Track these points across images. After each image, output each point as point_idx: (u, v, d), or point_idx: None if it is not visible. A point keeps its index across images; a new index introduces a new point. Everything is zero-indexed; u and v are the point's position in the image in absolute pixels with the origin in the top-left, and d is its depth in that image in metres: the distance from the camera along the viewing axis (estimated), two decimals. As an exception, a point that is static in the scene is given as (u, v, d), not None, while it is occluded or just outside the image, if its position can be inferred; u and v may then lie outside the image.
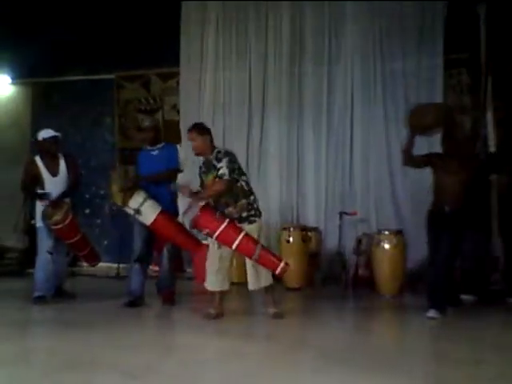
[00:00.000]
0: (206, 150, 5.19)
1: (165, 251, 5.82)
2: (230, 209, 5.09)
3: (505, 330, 5.35)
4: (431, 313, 5.43)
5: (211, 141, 5.23)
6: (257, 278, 5.16)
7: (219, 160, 5.04)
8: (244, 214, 5.12)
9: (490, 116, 7.21)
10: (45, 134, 5.88)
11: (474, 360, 4.06)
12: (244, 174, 5.23)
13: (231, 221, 4.99)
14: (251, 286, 5.21)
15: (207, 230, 4.96)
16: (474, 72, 7.33)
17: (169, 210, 5.63)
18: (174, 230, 5.57)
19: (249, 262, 5.15)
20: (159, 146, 5.84)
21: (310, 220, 7.95)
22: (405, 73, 7.73)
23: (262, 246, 5.05)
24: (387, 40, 7.79)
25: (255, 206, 5.20)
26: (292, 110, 8.18)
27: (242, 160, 5.78)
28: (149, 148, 5.84)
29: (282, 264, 5.00)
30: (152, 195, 5.54)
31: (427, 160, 5.76)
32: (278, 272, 5.00)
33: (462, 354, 4.21)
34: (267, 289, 5.26)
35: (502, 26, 7.01)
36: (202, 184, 5.29)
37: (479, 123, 7.27)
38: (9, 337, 4.52)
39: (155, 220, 5.47)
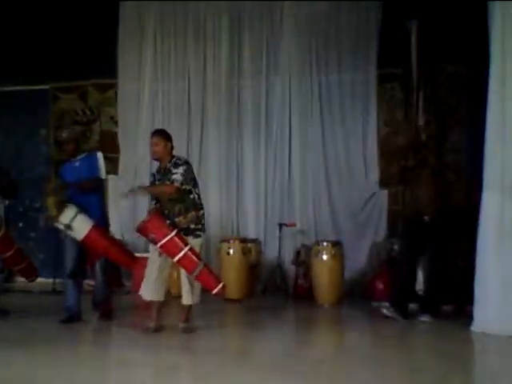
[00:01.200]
0: (166, 155, 5.15)
1: (97, 265, 5.71)
2: (181, 218, 5.04)
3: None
4: (424, 317, 5.78)
5: (171, 148, 5.19)
6: (191, 295, 5.12)
7: (176, 166, 5.04)
8: (191, 226, 5.09)
9: (421, 130, 7.43)
10: None
11: (409, 367, 4.15)
12: (197, 187, 5.21)
13: (179, 232, 4.94)
14: (185, 301, 5.17)
15: (153, 236, 4.88)
16: (407, 87, 7.55)
17: (99, 222, 5.52)
18: (106, 244, 5.46)
19: (185, 277, 5.09)
20: (81, 156, 5.73)
21: (250, 232, 7.97)
22: (340, 85, 7.90)
23: (205, 263, 5.01)
24: (323, 53, 7.95)
25: (203, 221, 5.19)
26: (231, 121, 8.21)
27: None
28: (71, 159, 5.74)
29: (220, 285, 4.97)
30: (82, 207, 5.42)
31: (401, 177, 6.08)
32: (214, 292, 4.97)
33: (399, 360, 4.29)
34: (189, 305, 5.21)
35: (432, 41, 7.26)
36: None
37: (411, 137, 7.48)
38: None
39: (87, 235, 5.35)
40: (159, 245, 4.90)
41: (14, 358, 4.32)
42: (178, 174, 4.99)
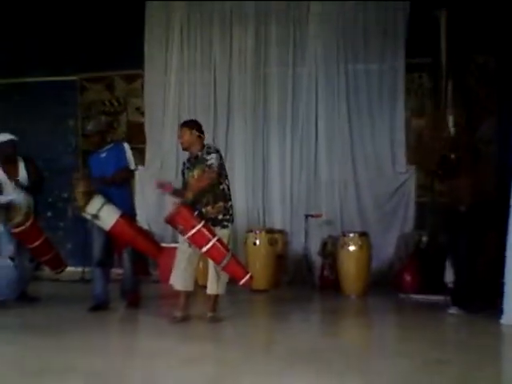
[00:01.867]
0: (194, 144, 5.16)
1: (125, 254, 5.74)
2: (209, 208, 5.06)
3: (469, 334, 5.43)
4: (453, 309, 5.67)
5: (200, 137, 5.20)
6: (216, 284, 5.14)
7: (209, 154, 5.06)
8: (219, 217, 5.10)
9: (450, 120, 7.33)
10: (1, 137, 5.75)
11: (438, 360, 4.11)
12: (227, 178, 5.22)
13: (206, 223, 4.95)
14: (210, 291, 5.19)
15: (181, 227, 4.91)
16: (435, 76, 7.45)
17: (127, 212, 5.55)
18: (133, 234, 5.49)
19: (212, 267, 5.11)
20: (108, 147, 5.75)
21: (276, 223, 7.96)
22: (368, 75, 7.82)
23: (232, 254, 5.02)
24: (350, 43, 7.88)
25: (231, 212, 5.19)
26: (257, 112, 8.18)
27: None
28: (98, 151, 5.75)
29: (247, 276, 4.97)
30: (109, 198, 5.44)
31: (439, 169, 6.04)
32: (241, 283, 4.98)
33: (427, 354, 4.26)
34: (217, 295, 5.22)
35: (461, 31, 7.14)
36: (184, 181, 5.25)
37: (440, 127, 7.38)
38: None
39: (114, 225, 5.38)
40: (187, 236, 4.91)
41: (45, 344, 4.36)
42: (212, 160, 5.01)
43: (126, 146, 5.75)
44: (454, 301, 5.78)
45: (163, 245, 6.29)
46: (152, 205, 8.18)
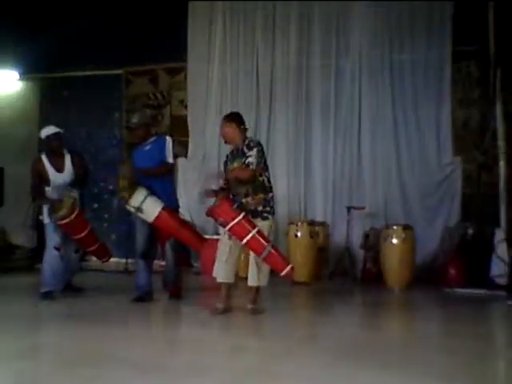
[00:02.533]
0: (236, 138, 5.16)
1: (168, 246, 5.78)
2: (248, 199, 5.06)
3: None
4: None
5: (242, 130, 5.19)
6: (257, 276, 5.12)
7: (250, 148, 5.04)
8: (259, 209, 5.08)
9: (498, 109, 7.13)
10: (47, 131, 5.85)
11: (481, 354, 4.00)
12: (267, 170, 5.19)
13: (246, 215, 4.95)
14: (250, 282, 5.17)
15: (221, 220, 4.92)
16: (483, 64, 7.24)
17: (170, 204, 5.58)
18: (176, 226, 5.51)
19: (253, 259, 5.10)
20: (151, 139, 5.78)
21: (318, 214, 7.90)
22: (413, 64, 7.66)
23: (273, 245, 5.00)
24: (396, 31, 7.73)
25: (271, 203, 5.16)
26: (300, 103, 8.12)
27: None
28: (142, 143, 5.78)
29: (288, 268, 4.94)
30: (152, 190, 5.48)
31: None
32: (282, 274, 4.95)
33: (473, 349, 4.15)
34: (258, 287, 5.20)
35: (510, 17, 6.90)
36: (226, 173, 5.27)
37: (488, 116, 7.19)
38: (17, 332, 4.50)
39: (157, 217, 5.42)
40: (227, 228, 4.92)
41: (91, 333, 4.43)
42: (252, 157, 4.98)
43: (169, 139, 5.77)
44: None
45: (205, 236, 6.30)
46: (194, 196, 8.22)
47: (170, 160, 5.72)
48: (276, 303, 5.78)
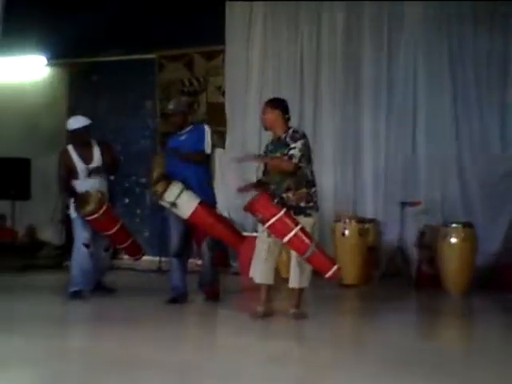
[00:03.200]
0: (277, 125, 5.16)
1: (204, 244, 5.82)
2: (290, 194, 5.05)
3: None
4: None
5: (285, 118, 5.19)
6: (300, 277, 5.10)
7: (295, 140, 5.03)
8: (302, 204, 5.06)
9: None
10: (74, 123, 5.92)
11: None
12: (311, 163, 5.17)
13: (288, 211, 4.95)
14: (292, 284, 5.15)
15: (260, 216, 4.93)
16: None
17: (206, 199, 5.61)
18: (213, 223, 5.54)
19: (295, 258, 5.08)
20: (188, 129, 5.82)
21: (368, 210, 7.85)
22: (475, 47, 7.53)
23: (317, 244, 4.99)
24: (455, 10, 7.58)
25: (315, 199, 5.13)
26: (348, 89, 8.06)
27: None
28: (178, 133, 5.83)
29: (334, 268, 4.91)
30: (188, 184, 5.51)
31: None
32: (328, 276, 4.92)
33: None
34: (300, 289, 5.18)
35: None
36: (265, 165, 5.28)
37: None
38: (46, 334, 4.58)
39: (192, 213, 5.45)
40: (267, 225, 4.91)
41: (122, 336, 4.49)
42: (296, 150, 4.97)
43: (207, 128, 5.81)
44: None
45: (244, 234, 6.33)
46: (232, 190, 8.25)
47: (208, 150, 5.75)
48: (321, 307, 5.77)
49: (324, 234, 7.40)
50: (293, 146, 4.99)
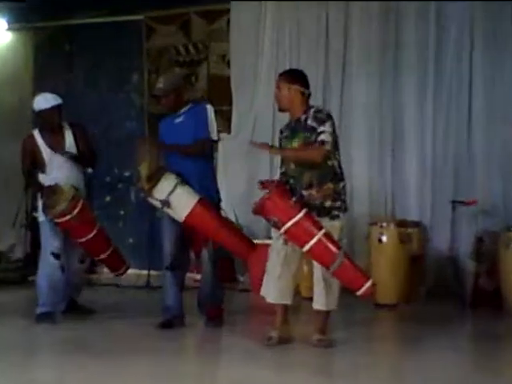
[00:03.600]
0: (295, 105, 5.18)
1: (204, 254, 5.83)
2: (312, 191, 5.06)
3: None
4: None
5: (305, 96, 5.20)
6: (326, 297, 5.09)
7: (321, 122, 5.03)
8: (327, 204, 5.07)
9: None
10: (42, 102, 5.94)
11: None
12: (338, 151, 5.19)
13: (309, 212, 4.96)
14: (317, 305, 5.16)
15: (275, 219, 4.94)
16: None
17: (208, 197, 5.63)
18: (215, 226, 5.54)
19: (319, 272, 5.08)
20: (184, 109, 5.84)
21: (411, 212, 7.84)
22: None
23: (345, 253, 4.99)
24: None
25: (343, 197, 5.15)
26: (385, 60, 8.04)
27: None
28: (172, 115, 5.86)
29: (368, 283, 4.91)
30: (184, 177, 5.52)
31: None
32: (360, 293, 4.92)
33: None
34: (325, 311, 5.19)
35: None
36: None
37: None
38: (7, 366, 4.62)
39: (190, 214, 5.45)
40: (283, 230, 4.92)
41: (101, 370, 4.52)
42: (326, 134, 4.98)
43: (209, 107, 5.83)
44: None
45: (255, 241, 6.35)
46: (240, 187, 8.27)
47: (214, 136, 5.78)
48: (351, 333, 5.77)
49: (355, 241, 7.42)
50: (321, 129, 5.00)
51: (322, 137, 4.98)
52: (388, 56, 8.05)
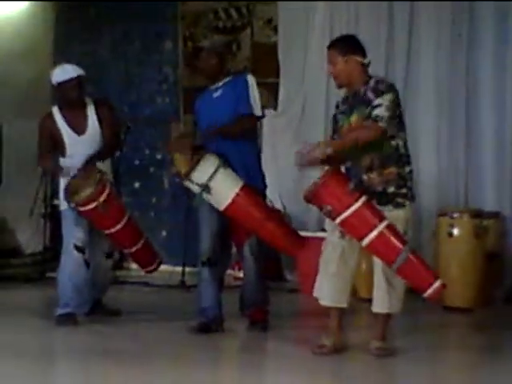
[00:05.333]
0: (353, 77, 5.15)
1: (247, 248, 5.82)
2: (373, 175, 5.02)
3: None
4: None
5: (362, 65, 5.15)
6: (389, 298, 5.06)
7: (379, 93, 4.99)
8: (390, 190, 5.04)
9: None
10: (60, 74, 5.95)
11: None
12: (404, 130, 5.14)
13: (370, 199, 4.93)
14: (377, 308, 5.13)
15: (329, 208, 4.90)
16: None
17: (252, 183, 5.63)
18: (260, 217, 5.52)
19: (380, 270, 5.05)
20: (224, 81, 5.83)
21: (487, 201, 7.75)
22: None
23: (412, 250, 4.94)
24: None
25: (409, 183, 5.11)
26: (458, 26, 7.94)
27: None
28: (210, 87, 5.86)
29: (437, 283, 4.86)
30: (226, 160, 5.51)
31: None
32: (428, 294, 4.87)
33: None
34: (386, 315, 5.16)
35: None
36: (335, 132, 5.29)
37: None
38: (23, 374, 4.67)
39: (232, 202, 5.45)
40: (339, 220, 4.90)
41: (129, 378, 4.57)
42: (382, 108, 4.92)
43: (251, 79, 5.81)
44: None
45: (305, 234, 6.34)
46: (288, 171, 8.24)
47: (258, 112, 5.76)
48: (416, 341, 5.73)
49: (421, 235, 7.35)
50: (377, 102, 4.95)
51: (376, 111, 4.92)
52: (460, 25, 7.92)
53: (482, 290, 7.05)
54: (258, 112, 5.76)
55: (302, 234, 6.28)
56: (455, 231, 6.99)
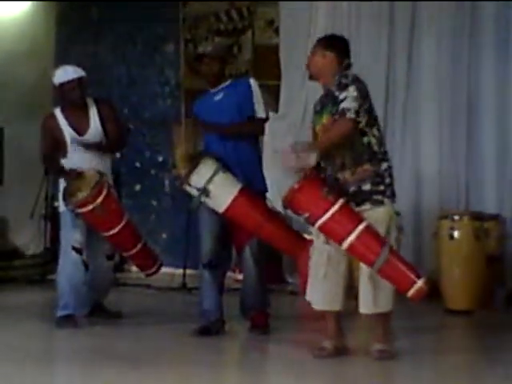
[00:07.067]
0: (325, 73, 5.16)
1: (247, 251, 5.81)
2: (346, 174, 5.00)
3: None
4: None
5: (342, 65, 5.15)
6: (374, 298, 5.03)
7: (343, 87, 4.98)
8: (366, 187, 4.99)
9: None
10: (61, 75, 5.98)
11: None
12: (377, 125, 5.11)
13: (347, 202, 4.90)
14: (363, 309, 5.10)
15: (307, 214, 4.89)
16: None
17: (252, 185, 5.64)
18: (260, 220, 5.52)
19: (364, 271, 5.03)
20: (225, 84, 5.83)
21: (488, 203, 7.73)
22: None
23: (391, 247, 4.92)
24: None
25: (387, 180, 5.06)
26: (460, 20, 7.91)
27: (376, 104, 5.65)
28: (211, 90, 5.85)
29: (419, 282, 4.82)
30: (225, 163, 5.51)
31: None
32: (410, 294, 4.84)
33: None
34: (382, 316, 5.14)
35: None
36: (314, 134, 5.27)
37: None
38: (23, 376, 4.66)
39: (231, 205, 5.45)
40: (317, 225, 4.89)
41: (130, 382, 4.56)
42: (347, 100, 4.89)
43: (253, 82, 5.83)
44: None
45: (306, 236, 6.31)
46: (289, 174, 8.22)
47: (262, 114, 5.76)
48: (416, 344, 5.70)
49: (422, 237, 7.33)
50: (342, 96, 4.93)
51: (342, 105, 4.90)
52: (463, 20, 7.90)
53: (482, 292, 7.03)
54: (262, 114, 5.78)
55: (304, 235, 6.26)
56: (456, 233, 6.96)
